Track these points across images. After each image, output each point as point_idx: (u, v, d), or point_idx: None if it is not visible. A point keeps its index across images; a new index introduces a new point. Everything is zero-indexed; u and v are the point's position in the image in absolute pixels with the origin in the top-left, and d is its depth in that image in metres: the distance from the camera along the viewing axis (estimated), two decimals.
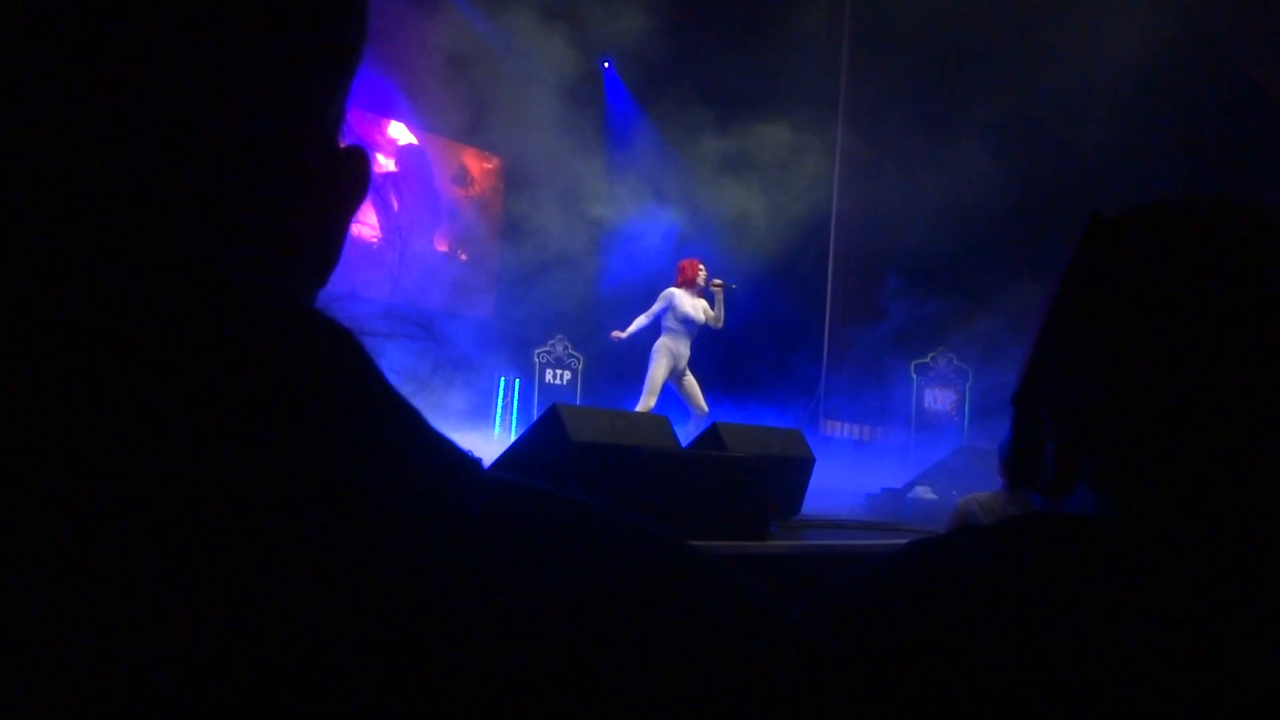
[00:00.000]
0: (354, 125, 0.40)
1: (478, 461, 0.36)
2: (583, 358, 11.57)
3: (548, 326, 11.43)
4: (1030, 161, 9.95)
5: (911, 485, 7.14)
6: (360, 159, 0.39)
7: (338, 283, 0.39)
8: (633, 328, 7.98)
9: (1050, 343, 0.70)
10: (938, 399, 11.83)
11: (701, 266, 7.94)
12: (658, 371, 7.71)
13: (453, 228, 11.89)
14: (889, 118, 10.90)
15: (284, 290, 0.36)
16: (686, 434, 6.09)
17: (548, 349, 11.46)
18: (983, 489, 6.94)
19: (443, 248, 11.75)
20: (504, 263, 12.11)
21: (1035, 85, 9.99)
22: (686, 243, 10.33)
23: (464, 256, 11.81)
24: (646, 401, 7.62)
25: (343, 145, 0.39)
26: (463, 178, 12.18)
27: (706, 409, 7.90)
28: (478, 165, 12.31)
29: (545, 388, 11.20)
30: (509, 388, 11.06)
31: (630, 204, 11.67)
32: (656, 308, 7.83)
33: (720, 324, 7.89)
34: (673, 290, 7.82)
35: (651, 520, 0.36)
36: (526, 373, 11.28)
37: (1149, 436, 0.64)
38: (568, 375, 11.53)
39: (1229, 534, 0.61)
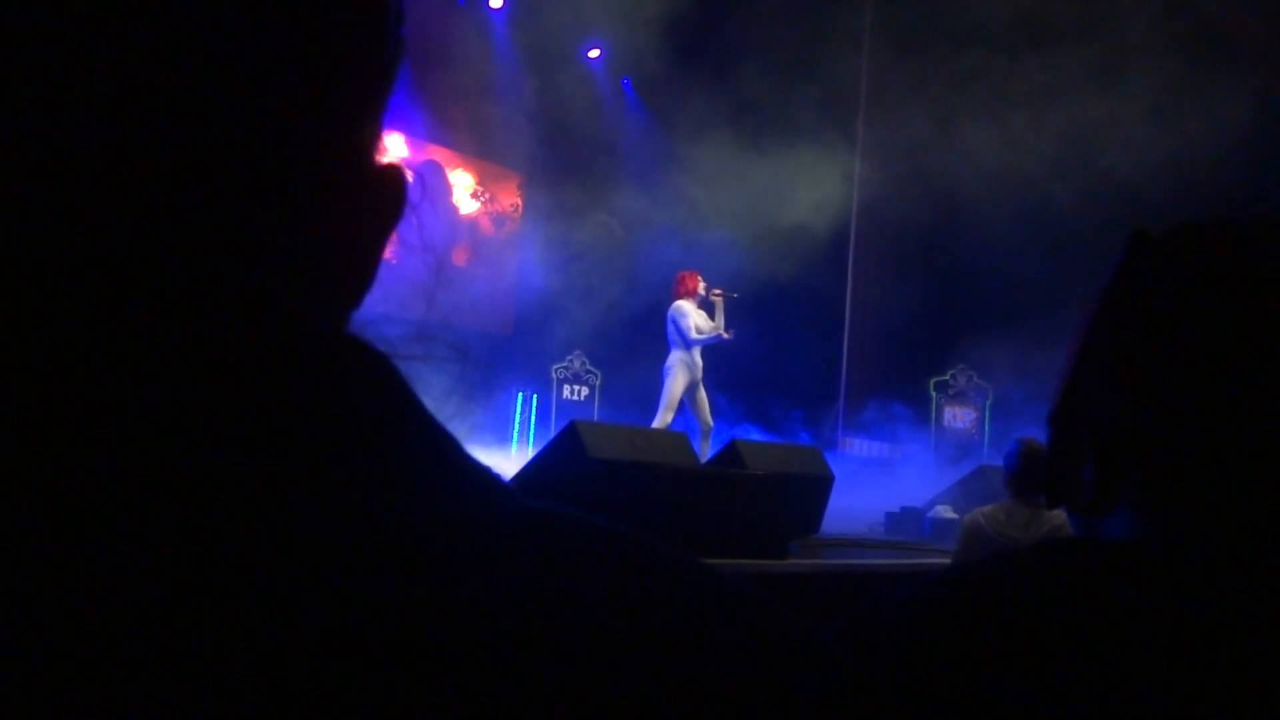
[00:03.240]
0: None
1: (511, 488, 0.35)
2: (600, 374, 11.58)
3: (565, 342, 11.45)
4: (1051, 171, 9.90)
5: (932, 504, 7.09)
6: (396, 178, 0.38)
7: (372, 305, 0.39)
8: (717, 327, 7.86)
9: (1090, 360, 0.68)
10: (957, 417, 11.78)
11: (701, 277, 7.92)
12: (676, 387, 7.69)
13: (470, 244, 11.94)
14: (909, 126, 10.88)
15: (317, 312, 0.35)
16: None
17: (565, 365, 11.48)
18: None
19: (460, 264, 11.79)
20: (521, 279, 12.15)
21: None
22: (703, 256, 10.33)
23: (482, 273, 11.86)
24: (664, 417, 7.61)
25: (379, 164, 0.38)
26: (481, 194, 12.24)
27: (711, 423, 7.88)
28: (495, 182, 12.38)
29: (563, 404, 11.21)
30: (526, 404, 11.07)
31: (648, 219, 11.70)
32: (693, 320, 7.74)
33: (725, 333, 7.85)
34: (681, 303, 7.79)
35: (683, 548, 0.35)
36: (544, 389, 11.30)
37: (1194, 459, 0.63)
38: (585, 391, 11.54)
39: (1274, 560, 0.60)
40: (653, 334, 8.11)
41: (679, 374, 7.69)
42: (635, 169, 12.10)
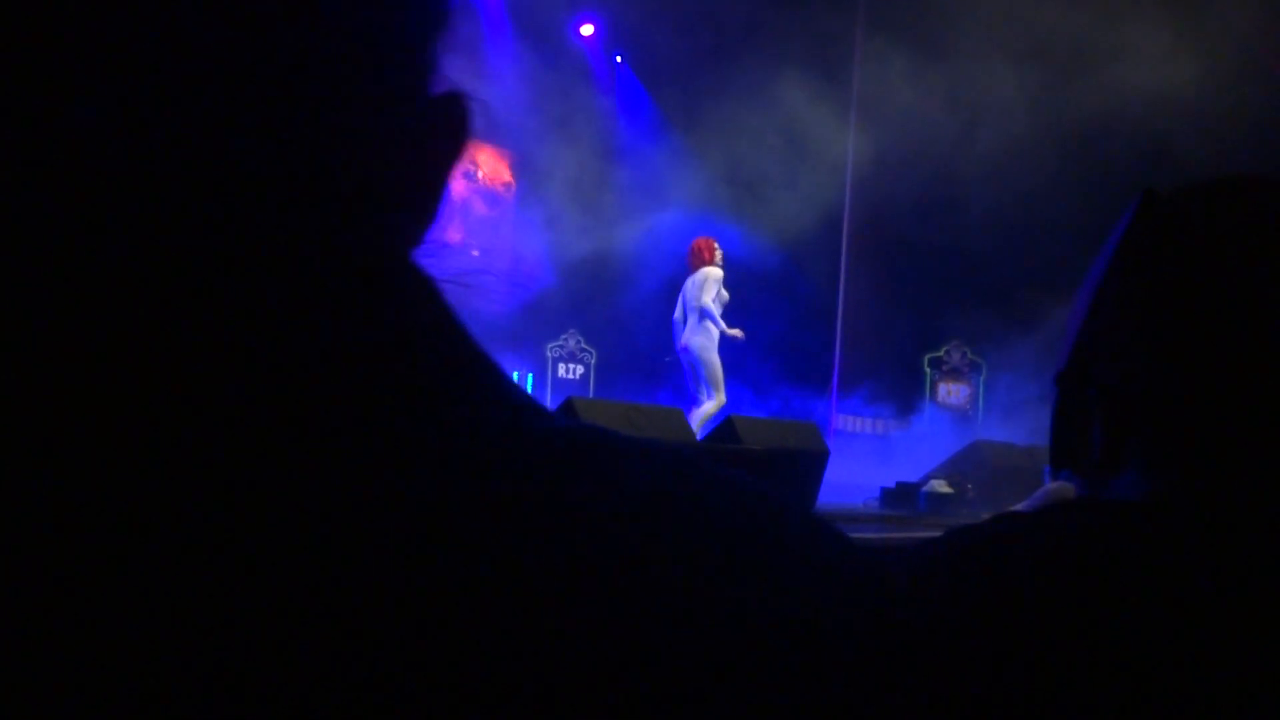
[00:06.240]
0: None
1: (551, 412, 0.36)
2: (595, 352, 11.57)
3: (560, 321, 11.44)
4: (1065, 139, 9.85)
5: (926, 479, 7.12)
6: (457, 106, 0.37)
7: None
8: (720, 322, 7.36)
9: (1099, 321, 0.68)
10: (951, 392, 11.81)
11: (718, 245, 7.56)
12: (716, 359, 7.22)
13: (463, 222, 11.90)
14: (904, 94, 10.82)
15: (378, 238, 0.35)
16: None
17: (560, 343, 11.47)
18: (997, 481, 6.91)
19: (454, 241, 11.73)
20: (515, 257, 12.12)
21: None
22: (696, 232, 10.31)
23: (475, 251, 11.83)
24: (719, 399, 7.22)
25: (437, 93, 0.37)
26: (472, 172, 12.20)
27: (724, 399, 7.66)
28: (487, 159, 12.33)
29: (558, 382, 11.22)
30: (521, 382, 11.07)
31: (640, 196, 11.67)
32: (714, 292, 7.29)
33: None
34: (712, 270, 7.34)
35: (745, 471, 0.35)
36: (539, 367, 11.29)
37: (1204, 417, 0.63)
38: (580, 370, 11.55)
39: None
40: (647, 311, 8.04)
41: (714, 346, 7.22)
42: (629, 146, 12.05)
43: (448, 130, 0.37)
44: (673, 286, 7.90)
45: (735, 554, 0.31)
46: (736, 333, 7.47)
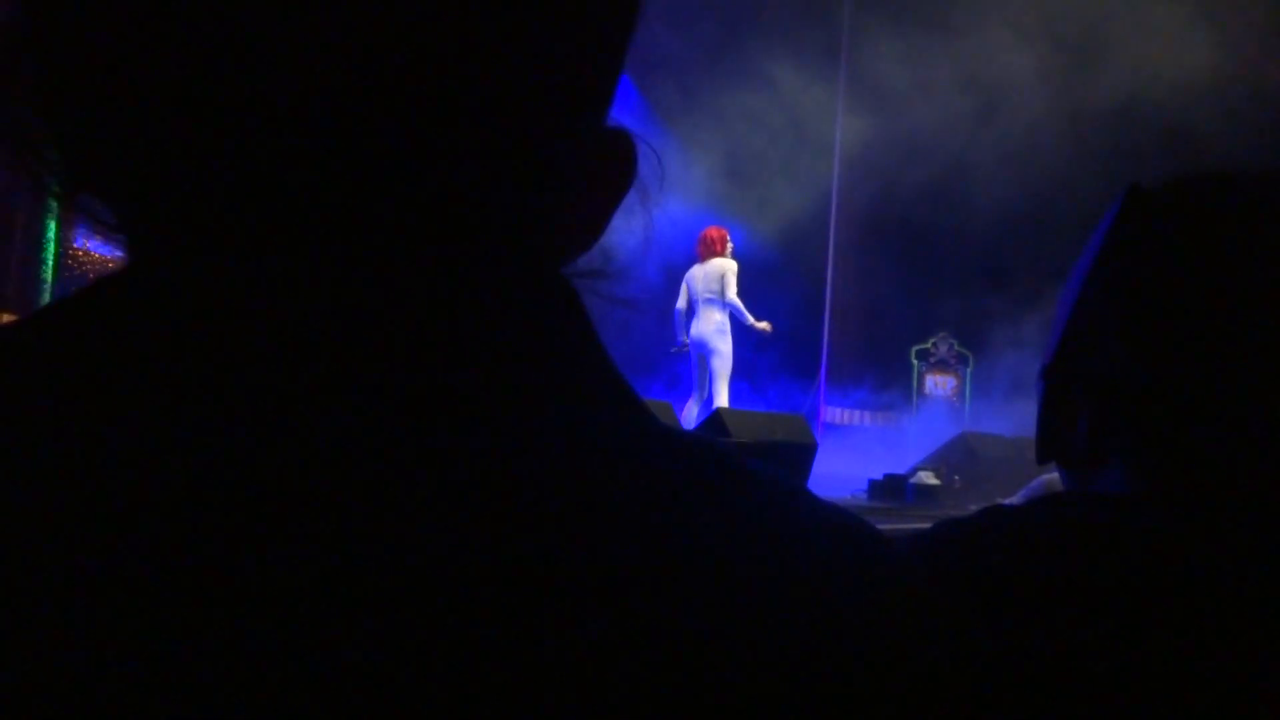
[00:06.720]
0: None
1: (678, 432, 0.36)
2: None
3: None
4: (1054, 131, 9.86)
5: (914, 470, 7.14)
6: (626, 143, 0.39)
7: None
8: (748, 315, 7.33)
9: (1085, 314, 0.68)
10: (939, 384, 11.84)
11: (728, 235, 7.44)
12: (730, 353, 7.22)
13: None
14: (892, 86, 10.80)
15: (544, 255, 0.37)
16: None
17: None
18: (984, 473, 6.91)
19: None
20: None
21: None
22: (688, 230, 10.30)
23: None
24: (724, 391, 7.17)
25: (609, 130, 0.39)
26: None
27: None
28: None
29: None
30: None
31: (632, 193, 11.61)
32: (734, 281, 7.25)
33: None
34: (729, 262, 7.29)
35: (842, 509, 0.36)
36: None
37: (1190, 411, 0.63)
38: None
39: (1272, 513, 0.60)
40: (640, 304, 7.99)
41: (729, 337, 7.22)
42: None
43: (617, 165, 0.39)
44: (670, 278, 7.85)
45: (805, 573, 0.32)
46: (765, 326, 7.44)
